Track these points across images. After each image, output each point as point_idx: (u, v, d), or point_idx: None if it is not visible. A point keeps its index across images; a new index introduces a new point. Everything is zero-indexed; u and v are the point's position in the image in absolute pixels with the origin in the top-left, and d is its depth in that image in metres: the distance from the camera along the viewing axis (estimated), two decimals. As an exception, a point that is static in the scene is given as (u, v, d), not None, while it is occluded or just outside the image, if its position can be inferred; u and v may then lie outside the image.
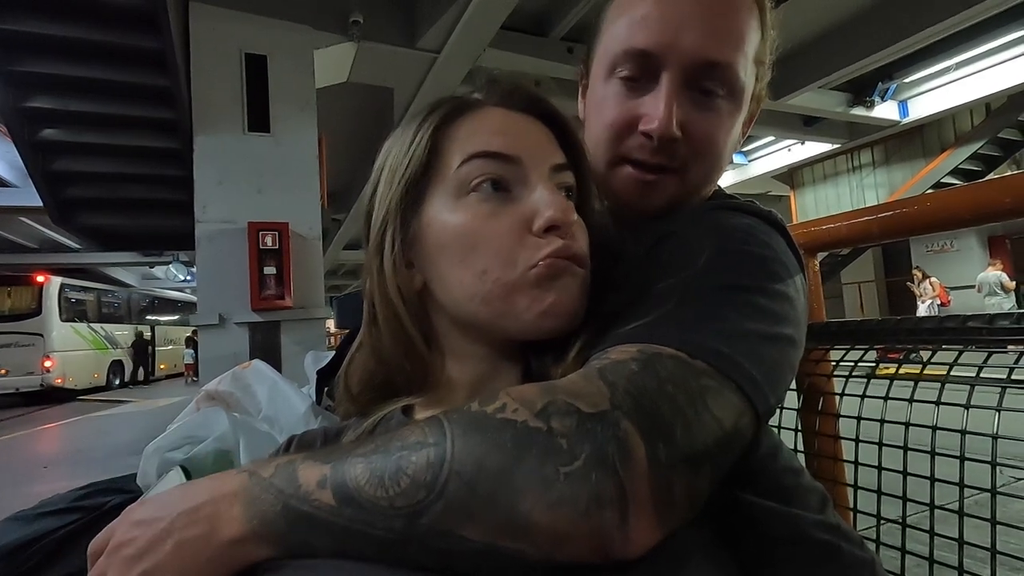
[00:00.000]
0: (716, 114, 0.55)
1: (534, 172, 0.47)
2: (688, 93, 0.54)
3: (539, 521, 0.32)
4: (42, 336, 10.91)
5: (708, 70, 0.53)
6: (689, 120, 0.54)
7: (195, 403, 0.80)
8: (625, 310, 0.45)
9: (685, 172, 0.55)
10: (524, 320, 0.45)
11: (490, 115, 0.49)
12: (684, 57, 0.52)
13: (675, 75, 0.53)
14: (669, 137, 0.53)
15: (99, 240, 6.06)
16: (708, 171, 0.57)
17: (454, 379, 0.50)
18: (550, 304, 0.44)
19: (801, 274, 0.51)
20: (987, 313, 0.65)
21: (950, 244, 11.77)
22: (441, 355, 0.51)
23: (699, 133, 0.54)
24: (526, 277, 0.44)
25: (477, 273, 0.45)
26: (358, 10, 4.35)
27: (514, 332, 0.47)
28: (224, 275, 3.76)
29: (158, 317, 16.30)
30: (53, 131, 4.34)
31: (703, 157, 0.55)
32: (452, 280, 0.46)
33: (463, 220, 0.46)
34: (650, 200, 0.56)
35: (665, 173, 0.55)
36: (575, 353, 0.46)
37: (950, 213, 0.72)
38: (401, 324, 0.49)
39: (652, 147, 0.54)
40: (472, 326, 0.48)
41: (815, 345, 0.82)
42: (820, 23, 6.49)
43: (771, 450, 0.48)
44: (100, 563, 0.39)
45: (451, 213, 0.46)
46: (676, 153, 0.54)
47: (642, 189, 0.56)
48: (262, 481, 0.38)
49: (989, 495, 0.59)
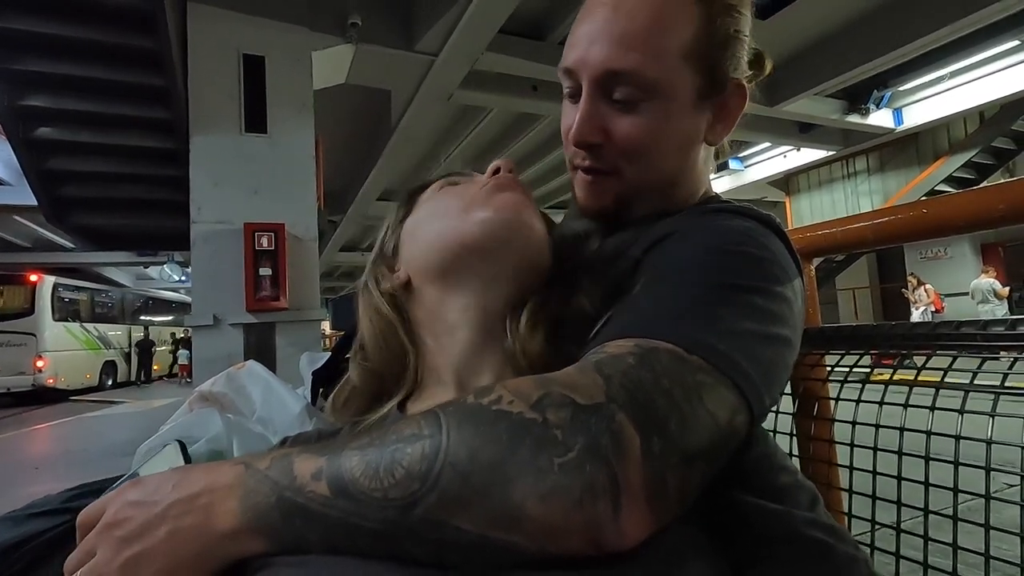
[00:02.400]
0: (637, 116, 0.57)
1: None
2: (606, 101, 0.58)
3: (532, 512, 0.32)
4: (34, 336, 10.83)
5: (613, 78, 0.56)
6: (609, 124, 0.58)
7: (188, 404, 0.79)
8: (622, 307, 0.46)
9: (619, 172, 0.59)
10: (487, 223, 0.52)
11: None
12: (592, 70, 0.56)
13: (588, 87, 0.57)
14: (585, 143, 0.59)
15: (93, 240, 6.03)
16: (646, 168, 0.59)
17: (440, 366, 0.53)
18: (500, 201, 0.54)
19: (799, 278, 0.51)
20: (981, 319, 0.66)
21: (944, 251, 11.85)
22: (425, 349, 0.55)
23: (620, 134, 0.57)
24: (479, 195, 0.55)
25: (446, 215, 0.55)
26: (356, 12, 4.36)
27: (484, 244, 0.52)
28: (219, 276, 3.75)
29: (152, 318, 16.21)
30: (48, 130, 4.31)
31: (631, 156, 0.58)
32: (430, 236, 0.55)
33: (432, 200, 0.59)
34: (597, 199, 0.62)
35: (600, 175, 0.60)
36: (535, 315, 0.52)
37: (945, 220, 0.73)
38: (391, 326, 0.55)
39: (581, 153, 0.60)
40: (451, 283, 0.54)
41: (810, 349, 0.82)
42: (816, 31, 6.54)
43: (765, 450, 0.48)
44: (90, 538, 0.39)
45: (423, 205, 0.60)
46: (601, 156, 0.59)
47: (587, 189, 0.62)
48: (258, 473, 0.38)
49: (982, 501, 0.59)
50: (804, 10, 5.83)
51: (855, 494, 0.75)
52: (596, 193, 0.61)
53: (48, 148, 4.49)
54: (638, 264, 0.50)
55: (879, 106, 8.60)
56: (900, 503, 0.67)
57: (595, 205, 0.62)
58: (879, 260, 13.64)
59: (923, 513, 0.64)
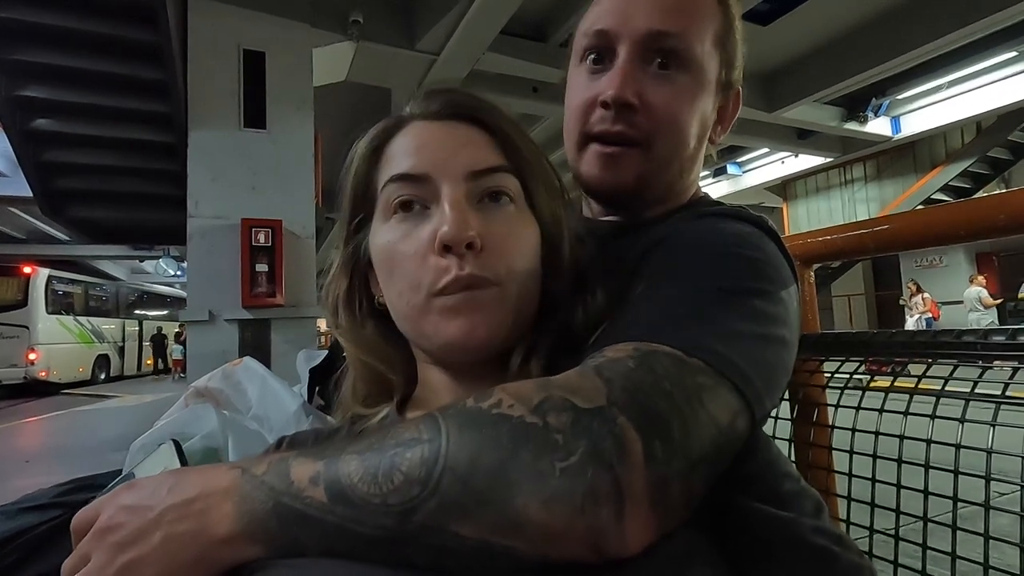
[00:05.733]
0: (673, 86, 0.57)
1: (445, 185, 0.45)
2: (644, 67, 0.57)
3: (534, 517, 0.32)
4: (27, 328, 10.75)
5: (658, 39, 0.55)
6: (646, 91, 0.56)
7: (183, 399, 0.79)
8: (620, 312, 0.46)
9: (649, 145, 0.57)
10: (435, 345, 0.46)
11: (411, 132, 0.49)
12: (635, 31, 0.56)
13: (629, 49, 0.56)
14: (623, 101, 0.56)
15: (89, 232, 6.00)
16: (673, 146, 0.58)
17: (432, 381, 0.51)
18: (452, 334, 0.44)
19: (794, 279, 0.51)
20: (982, 328, 0.66)
21: (939, 259, 11.92)
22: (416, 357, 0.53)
23: (657, 103, 0.56)
24: (431, 304, 0.45)
25: (397, 294, 0.47)
26: (358, 10, 4.35)
27: (435, 354, 0.48)
28: (215, 271, 3.73)
29: (147, 312, 16.15)
30: (46, 121, 4.30)
31: (664, 128, 0.57)
32: (388, 297, 0.49)
33: (385, 242, 0.48)
34: (617, 175, 0.58)
35: (628, 146, 0.57)
36: (525, 359, 0.47)
37: (946, 229, 0.73)
38: (376, 332, 0.52)
39: (611, 116, 0.57)
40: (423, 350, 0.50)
41: (809, 355, 0.82)
42: (816, 38, 6.57)
43: (769, 456, 0.48)
44: (85, 543, 0.38)
45: (380, 235, 0.48)
46: (635, 122, 0.57)
47: (607, 163, 0.58)
48: (254, 478, 0.37)
49: (980, 509, 0.59)
50: (805, 17, 5.86)
51: (854, 501, 0.75)
52: (619, 168, 0.58)
53: (45, 140, 4.47)
54: (635, 269, 0.49)
55: (877, 114, 8.66)
56: (899, 510, 0.66)
57: (613, 180, 0.58)
58: (875, 267, 13.70)
59: (922, 521, 0.64)
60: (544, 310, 0.49)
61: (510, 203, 0.48)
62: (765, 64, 7.14)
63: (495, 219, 0.46)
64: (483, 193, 0.47)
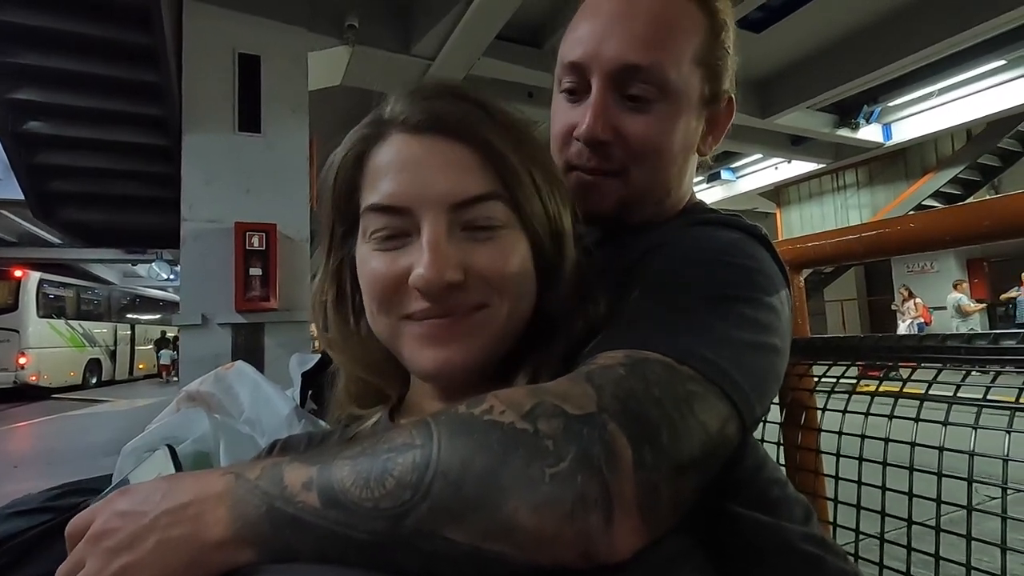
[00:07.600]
0: (650, 116, 0.56)
1: (425, 219, 0.44)
2: (619, 99, 0.56)
3: (524, 522, 0.32)
4: (18, 332, 10.66)
5: (631, 72, 0.55)
6: (621, 123, 0.56)
7: (175, 403, 0.79)
8: (612, 320, 0.46)
9: (626, 174, 0.58)
10: (413, 371, 0.47)
11: (393, 146, 0.46)
12: (606, 63, 0.55)
13: (602, 82, 0.56)
14: (596, 140, 0.56)
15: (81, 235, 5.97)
16: (652, 172, 0.58)
17: (424, 386, 0.51)
18: (426, 366, 0.45)
19: (786, 287, 0.52)
20: (966, 333, 0.67)
21: (930, 265, 12.01)
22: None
23: (632, 135, 0.56)
24: (401, 327, 0.45)
25: (371, 313, 0.48)
26: (354, 14, 4.36)
27: (423, 377, 0.48)
28: (209, 275, 3.72)
29: (139, 316, 16.05)
30: (39, 124, 4.28)
31: (641, 158, 0.57)
32: (367, 312, 0.49)
33: (364, 263, 0.47)
34: (598, 203, 0.59)
35: (605, 176, 0.58)
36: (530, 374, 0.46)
37: (933, 234, 0.74)
38: (367, 338, 0.51)
39: (587, 152, 0.57)
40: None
41: (799, 360, 0.83)
42: (808, 45, 6.63)
43: (758, 462, 0.48)
44: (79, 549, 0.39)
45: (361, 254, 0.48)
46: (611, 155, 0.57)
47: (587, 192, 0.58)
48: (247, 483, 0.38)
49: (964, 513, 0.60)
50: (797, 24, 5.91)
51: (840, 504, 0.75)
52: (598, 196, 0.58)
53: (38, 142, 4.45)
54: (627, 276, 0.50)
55: (869, 121, 8.73)
56: (884, 513, 0.67)
57: (596, 209, 0.58)
58: (867, 273, 13.80)
59: (907, 524, 0.64)
60: (542, 326, 0.48)
61: (498, 229, 0.45)
62: (758, 71, 7.20)
63: (480, 249, 0.44)
64: (467, 224, 0.45)
